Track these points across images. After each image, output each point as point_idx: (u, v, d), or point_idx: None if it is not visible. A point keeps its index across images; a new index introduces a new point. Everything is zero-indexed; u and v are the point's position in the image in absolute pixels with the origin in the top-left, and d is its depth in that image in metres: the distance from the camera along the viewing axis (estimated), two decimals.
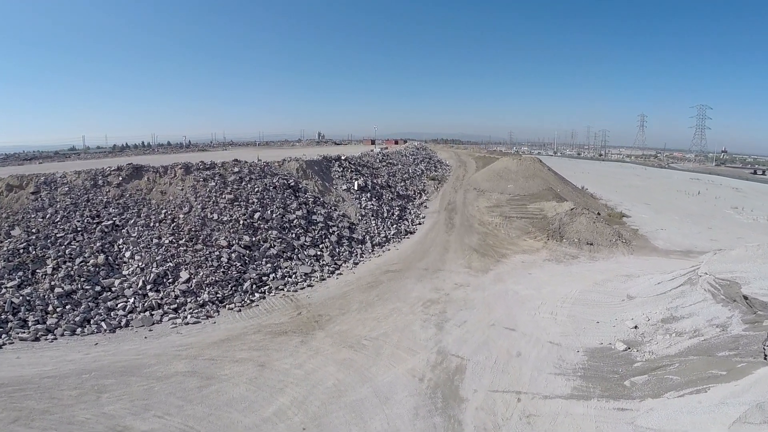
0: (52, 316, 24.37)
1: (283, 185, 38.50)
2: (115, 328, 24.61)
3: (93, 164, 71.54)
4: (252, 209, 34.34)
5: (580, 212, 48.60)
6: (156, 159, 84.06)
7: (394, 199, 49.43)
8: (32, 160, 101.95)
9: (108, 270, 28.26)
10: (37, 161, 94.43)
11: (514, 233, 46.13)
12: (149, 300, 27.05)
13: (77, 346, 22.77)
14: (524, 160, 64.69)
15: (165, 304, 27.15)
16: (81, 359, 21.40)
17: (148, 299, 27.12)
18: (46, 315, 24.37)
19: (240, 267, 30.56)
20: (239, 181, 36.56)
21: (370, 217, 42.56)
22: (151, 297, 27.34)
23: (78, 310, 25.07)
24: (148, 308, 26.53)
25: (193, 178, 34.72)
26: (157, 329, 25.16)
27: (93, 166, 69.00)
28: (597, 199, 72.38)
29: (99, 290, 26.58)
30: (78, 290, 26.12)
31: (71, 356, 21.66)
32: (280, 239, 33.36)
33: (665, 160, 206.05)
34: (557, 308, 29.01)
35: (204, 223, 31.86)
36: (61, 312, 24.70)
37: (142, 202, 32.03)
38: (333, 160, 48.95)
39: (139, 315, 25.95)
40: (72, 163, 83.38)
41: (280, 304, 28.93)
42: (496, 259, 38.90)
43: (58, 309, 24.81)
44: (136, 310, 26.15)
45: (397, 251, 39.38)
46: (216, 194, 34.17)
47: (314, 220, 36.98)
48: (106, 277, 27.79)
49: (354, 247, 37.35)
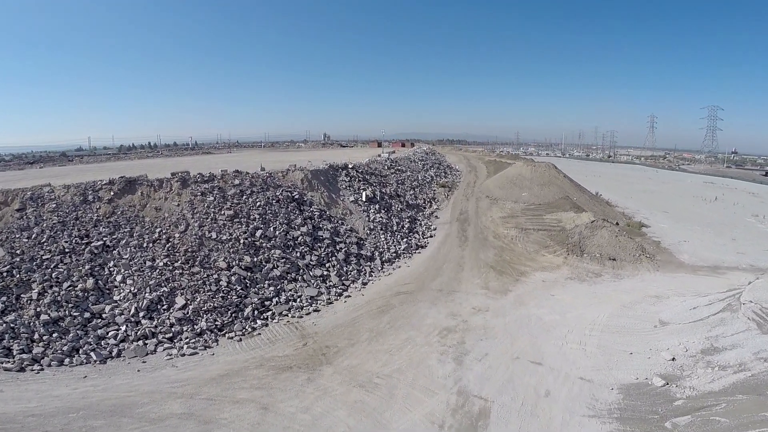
0: (38, 345, 22.42)
1: (287, 198, 36.10)
2: (106, 359, 22.70)
3: (93, 168, 69.87)
4: (253, 226, 31.96)
5: (601, 225, 45.92)
6: (159, 163, 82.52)
7: (404, 210, 46.92)
8: (35, 163, 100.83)
9: (98, 295, 26.16)
10: (38, 165, 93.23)
11: (532, 247, 43.53)
12: (142, 328, 24.97)
13: (65, 379, 20.84)
14: (538, 166, 62.04)
15: (159, 332, 25.13)
16: (68, 395, 19.49)
17: (141, 327, 25.01)
18: (32, 343, 22.44)
19: (240, 291, 28.24)
20: (240, 195, 34.20)
21: (379, 230, 40.09)
22: (145, 325, 25.26)
23: (66, 338, 23.12)
24: (142, 337, 24.44)
25: (190, 192, 32.38)
26: (151, 360, 23.09)
27: (94, 170, 67.66)
28: (613, 206, 69.67)
29: (88, 317, 24.57)
30: (66, 317, 24.09)
31: (58, 391, 19.79)
32: (283, 259, 30.98)
33: (675, 162, 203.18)
34: (585, 337, 26.38)
35: (201, 242, 29.52)
36: (48, 340, 22.76)
37: (135, 220, 29.72)
38: (340, 169, 46.51)
39: (131, 344, 23.94)
40: (73, 167, 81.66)
41: (284, 332, 26.62)
42: (514, 277, 36.37)
43: (44, 337, 22.86)
44: (129, 339, 24.13)
45: (409, 268, 36.90)
46: (215, 210, 31.80)
47: (320, 236, 34.56)
48: (96, 302, 25.65)
49: (362, 265, 34.91)
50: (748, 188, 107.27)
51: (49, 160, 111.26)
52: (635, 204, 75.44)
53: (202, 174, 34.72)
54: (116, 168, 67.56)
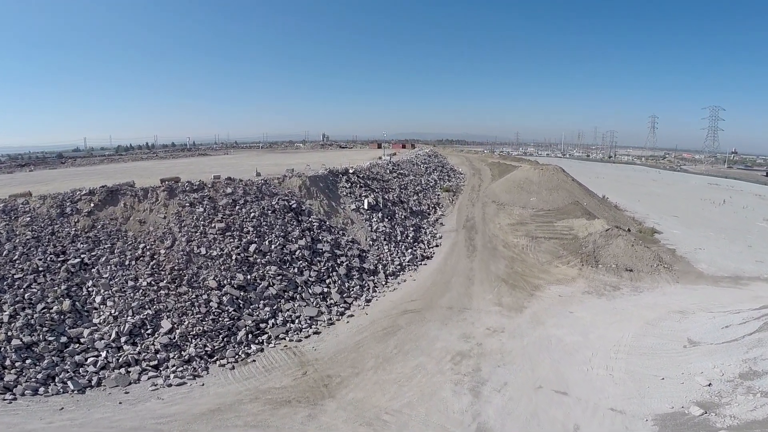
0: (11, 372, 20.45)
1: (283, 208, 33.48)
2: (85, 388, 20.67)
3: (83, 172, 67.20)
4: (247, 240, 29.36)
5: (617, 233, 43.58)
6: (152, 166, 79.82)
7: (408, 218, 44.37)
8: (26, 165, 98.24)
9: (75, 318, 23.93)
10: (28, 168, 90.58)
11: (544, 257, 41.12)
12: (124, 355, 22.83)
13: (39, 411, 18.94)
14: (546, 169, 59.62)
15: (143, 359, 23.01)
16: (42, 430, 17.60)
17: (123, 354, 22.80)
18: (3, 370, 20.46)
19: (233, 312, 25.71)
20: (232, 205, 31.56)
21: (382, 241, 37.55)
22: (127, 351, 23.05)
23: (40, 365, 21.04)
24: (124, 364, 22.22)
25: (178, 202, 29.72)
26: (134, 391, 20.91)
27: (84, 173, 65.03)
28: (621, 210, 67.54)
29: (65, 342, 22.40)
30: (40, 342, 21.95)
31: (31, 425, 17.95)
32: (280, 276, 28.42)
33: (676, 162, 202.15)
34: (612, 360, 24.20)
35: (189, 259, 26.93)
36: (21, 367, 20.76)
37: (117, 235, 27.10)
38: (340, 174, 43.88)
39: (112, 372, 21.77)
40: (63, 170, 78.98)
41: (282, 359, 24.16)
42: (528, 292, 33.97)
43: (17, 364, 20.86)
44: (110, 367, 21.96)
45: (415, 282, 34.40)
46: (204, 223, 29.17)
47: (319, 249, 31.99)
48: (73, 326, 23.38)
49: (365, 280, 32.39)
50: (753, 190, 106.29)
51: (42, 162, 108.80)
52: (643, 208, 73.57)
53: (191, 182, 32.01)
54: (107, 171, 65.20)
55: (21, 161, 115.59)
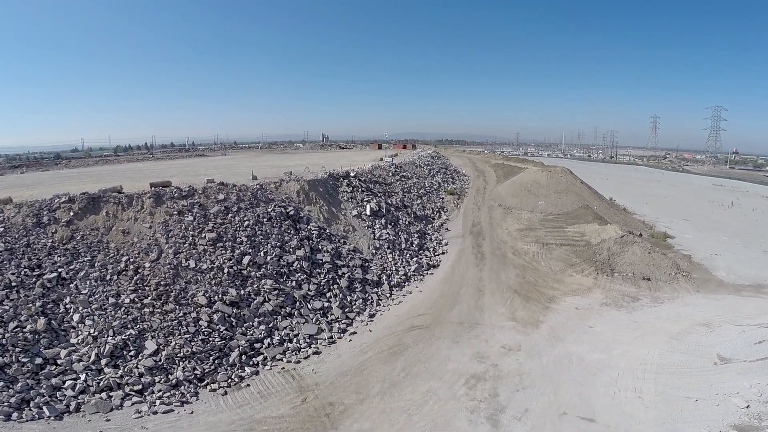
0: None
1: (280, 215, 31.15)
2: (62, 414, 18.78)
3: (75, 174, 64.91)
4: (240, 251, 27.04)
5: (632, 240, 41.46)
6: (147, 167, 77.52)
7: (412, 223, 42.11)
8: (20, 167, 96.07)
9: (51, 338, 21.82)
10: (20, 170, 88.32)
11: (557, 265, 38.93)
12: (105, 378, 20.80)
13: None
14: (554, 171, 57.47)
15: (126, 383, 20.97)
16: None
17: (104, 377, 20.80)
18: None
19: (224, 332, 23.48)
20: (224, 213, 29.24)
21: (385, 249, 35.29)
22: (108, 374, 20.97)
23: (13, 388, 19.14)
24: (105, 388, 20.13)
25: (165, 211, 27.39)
26: (116, 418, 18.98)
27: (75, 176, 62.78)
28: (630, 213, 65.49)
29: (40, 363, 20.31)
30: (12, 363, 19.93)
31: None
32: (276, 290, 26.15)
33: (677, 163, 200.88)
34: (639, 381, 22.26)
35: (177, 273, 24.65)
36: None
37: (98, 247, 24.80)
38: (341, 178, 41.57)
39: (92, 397, 19.70)
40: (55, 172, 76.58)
41: (279, 383, 21.96)
42: (543, 304, 31.82)
43: None
44: (89, 391, 19.88)
45: (421, 294, 32.18)
46: (194, 233, 26.85)
47: (319, 260, 29.71)
48: (49, 346, 21.19)
49: (369, 293, 30.13)
50: (759, 191, 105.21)
51: (36, 163, 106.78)
52: (652, 211, 71.75)
53: (180, 188, 29.63)
54: (99, 173, 63.02)
55: (18, 162, 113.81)
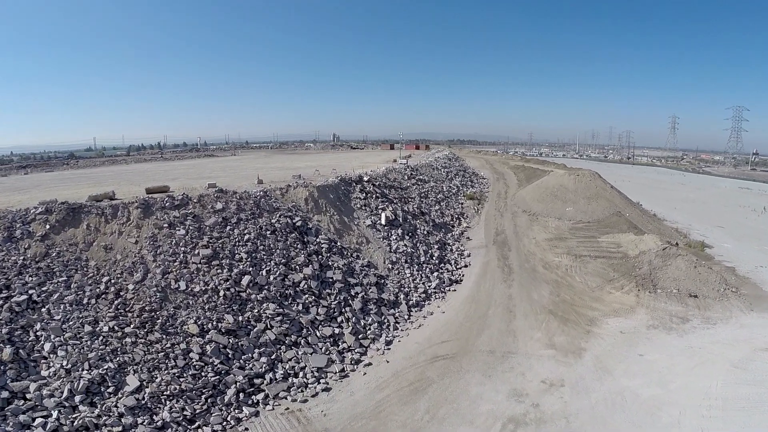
0: None
1: (286, 227, 27.60)
2: None
3: (77, 176, 62.45)
4: (239, 270, 23.53)
5: (675, 253, 37.25)
6: (152, 169, 75.03)
7: (431, 233, 38.34)
8: (27, 167, 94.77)
9: (19, 369, 18.91)
10: (24, 171, 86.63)
11: (593, 281, 34.94)
12: (81, 417, 17.81)
13: None
14: (583, 175, 53.26)
15: (104, 425, 17.86)
16: None
17: (79, 416, 17.45)
18: None
19: (219, 366, 20.05)
20: (222, 225, 25.83)
21: (402, 263, 31.59)
22: (84, 413, 17.99)
23: None
24: (81, 429, 17.03)
25: (154, 223, 24.00)
26: None
27: (77, 178, 60.33)
28: (661, 220, 61.07)
29: (7, 397, 17.41)
30: None
31: None
32: (280, 316, 22.63)
33: (697, 165, 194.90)
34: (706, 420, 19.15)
35: (165, 296, 21.25)
36: None
37: (76, 265, 21.50)
38: (353, 183, 37.89)
39: None
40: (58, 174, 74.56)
41: (282, 428, 18.66)
42: (583, 327, 27.98)
43: None
44: (62, 430, 16.82)
45: (444, 316, 28.48)
46: (186, 249, 23.40)
47: (329, 278, 26.12)
48: (17, 378, 18.14)
49: (385, 315, 26.51)
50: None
51: (44, 164, 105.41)
52: (683, 217, 67.16)
53: (173, 196, 26.11)
54: (100, 175, 60.47)
55: (30, 162, 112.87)
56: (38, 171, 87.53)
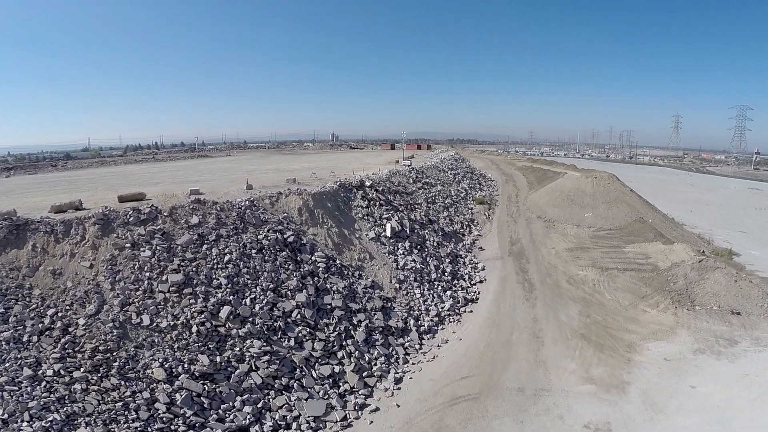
0: None
1: (275, 244, 23.56)
2: None
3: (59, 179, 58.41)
4: (217, 300, 19.50)
5: (713, 265, 33.45)
6: (140, 171, 70.86)
7: (441, 244, 34.31)
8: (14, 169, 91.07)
9: None
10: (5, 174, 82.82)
11: (624, 298, 31.11)
12: None
13: None
14: (601, 178, 49.40)
15: None
16: None
17: None
18: None
19: (193, 418, 16.09)
20: (197, 244, 21.67)
21: (411, 282, 27.61)
22: None
23: None
24: None
25: (114, 243, 19.94)
26: None
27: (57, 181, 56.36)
28: (680, 225, 57.33)
29: None
30: None
31: None
32: (268, 354, 18.64)
33: (700, 164, 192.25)
34: None
35: (124, 333, 17.28)
36: None
37: (16, 294, 17.49)
38: (354, 188, 33.72)
39: None
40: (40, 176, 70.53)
41: None
42: (622, 355, 24.26)
43: None
44: None
45: (461, 344, 24.53)
46: (152, 274, 19.36)
47: (327, 305, 22.10)
48: None
49: (393, 346, 22.53)
50: None
51: (31, 165, 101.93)
52: (702, 221, 63.52)
53: (138, 210, 21.91)
54: (81, 179, 56.35)
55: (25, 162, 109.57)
56: (22, 173, 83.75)
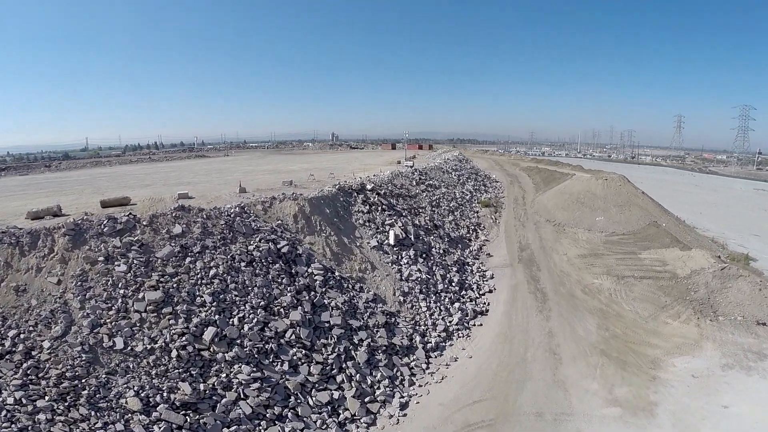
0: None
1: (267, 255, 21.44)
2: None
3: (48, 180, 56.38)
4: (200, 320, 17.43)
5: (736, 273, 31.46)
6: (132, 171, 68.65)
7: (448, 251, 32.23)
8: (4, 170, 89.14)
9: None
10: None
11: (643, 308, 29.11)
12: None
13: None
14: (611, 180, 47.37)
15: None
16: None
17: None
18: None
19: None
20: (179, 257, 19.51)
21: (417, 294, 25.55)
22: None
23: None
24: None
25: (85, 256, 17.85)
26: None
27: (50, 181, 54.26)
28: (692, 228, 55.38)
29: None
30: None
31: None
32: (258, 381, 16.61)
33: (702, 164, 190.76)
34: None
35: (95, 358, 15.25)
36: None
37: None
38: (355, 192, 31.49)
39: None
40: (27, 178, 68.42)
41: None
42: (647, 372, 22.42)
43: None
44: None
45: (472, 362, 22.49)
46: (127, 291, 17.25)
47: (325, 323, 20.03)
48: None
49: (397, 367, 20.49)
50: None
51: (24, 166, 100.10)
52: (712, 223, 61.67)
53: (115, 219, 19.66)
54: (72, 180, 54.29)
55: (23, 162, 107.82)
56: (14, 174, 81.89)
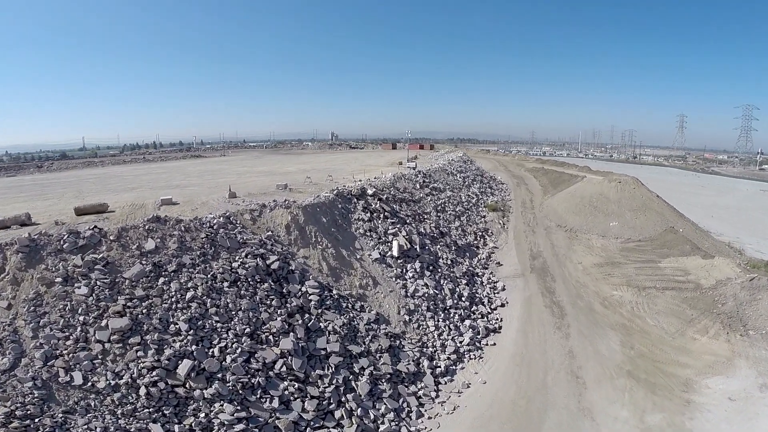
0: None
1: (254, 273, 18.97)
2: None
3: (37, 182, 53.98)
4: (174, 351, 14.94)
5: (766, 284, 29.12)
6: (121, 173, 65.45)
7: (455, 261, 29.79)
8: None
9: None
10: None
11: (669, 323, 26.75)
12: None
13: None
14: (625, 183, 44.98)
15: None
16: None
17: None
18: None
19: None
20: (152, 277, 16.96)
21: (423, 311, 23.14)
22: None
23: None
24: None
25: (41, 277, 15.32)
26: None
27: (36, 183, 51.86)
28: (707, 232, 53.09)
29: None
30: None
31: None
32: (243, 421, 14.22)
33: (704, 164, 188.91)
34: None
35: (50, 395, 12.87)
36: None
37: None
38: (354, 198, 29.01)
39: None
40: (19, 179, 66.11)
41: None
42: (679, 396, 20.31)
43: None
44: None
45: (486, 388, 20.10)
46: (88, 317, 14.74)
47: (321, 351, 17.57)
48: None
49: (403, 397, 18.10)
50: None
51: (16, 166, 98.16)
52: (725, 227, 59.50)
53: (77, 233, 17.02)
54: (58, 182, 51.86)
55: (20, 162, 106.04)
56: (2, 175, 79.94)
